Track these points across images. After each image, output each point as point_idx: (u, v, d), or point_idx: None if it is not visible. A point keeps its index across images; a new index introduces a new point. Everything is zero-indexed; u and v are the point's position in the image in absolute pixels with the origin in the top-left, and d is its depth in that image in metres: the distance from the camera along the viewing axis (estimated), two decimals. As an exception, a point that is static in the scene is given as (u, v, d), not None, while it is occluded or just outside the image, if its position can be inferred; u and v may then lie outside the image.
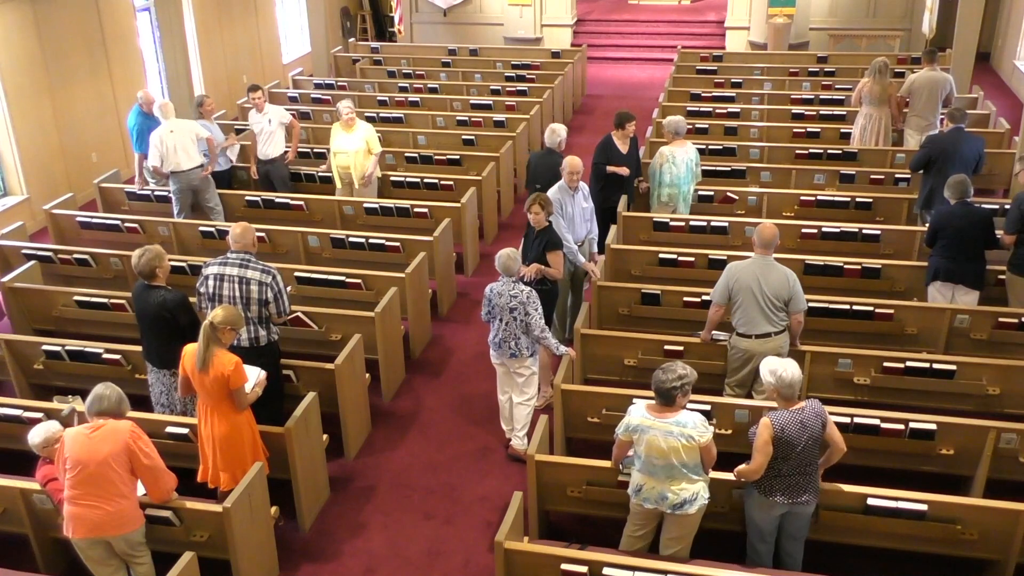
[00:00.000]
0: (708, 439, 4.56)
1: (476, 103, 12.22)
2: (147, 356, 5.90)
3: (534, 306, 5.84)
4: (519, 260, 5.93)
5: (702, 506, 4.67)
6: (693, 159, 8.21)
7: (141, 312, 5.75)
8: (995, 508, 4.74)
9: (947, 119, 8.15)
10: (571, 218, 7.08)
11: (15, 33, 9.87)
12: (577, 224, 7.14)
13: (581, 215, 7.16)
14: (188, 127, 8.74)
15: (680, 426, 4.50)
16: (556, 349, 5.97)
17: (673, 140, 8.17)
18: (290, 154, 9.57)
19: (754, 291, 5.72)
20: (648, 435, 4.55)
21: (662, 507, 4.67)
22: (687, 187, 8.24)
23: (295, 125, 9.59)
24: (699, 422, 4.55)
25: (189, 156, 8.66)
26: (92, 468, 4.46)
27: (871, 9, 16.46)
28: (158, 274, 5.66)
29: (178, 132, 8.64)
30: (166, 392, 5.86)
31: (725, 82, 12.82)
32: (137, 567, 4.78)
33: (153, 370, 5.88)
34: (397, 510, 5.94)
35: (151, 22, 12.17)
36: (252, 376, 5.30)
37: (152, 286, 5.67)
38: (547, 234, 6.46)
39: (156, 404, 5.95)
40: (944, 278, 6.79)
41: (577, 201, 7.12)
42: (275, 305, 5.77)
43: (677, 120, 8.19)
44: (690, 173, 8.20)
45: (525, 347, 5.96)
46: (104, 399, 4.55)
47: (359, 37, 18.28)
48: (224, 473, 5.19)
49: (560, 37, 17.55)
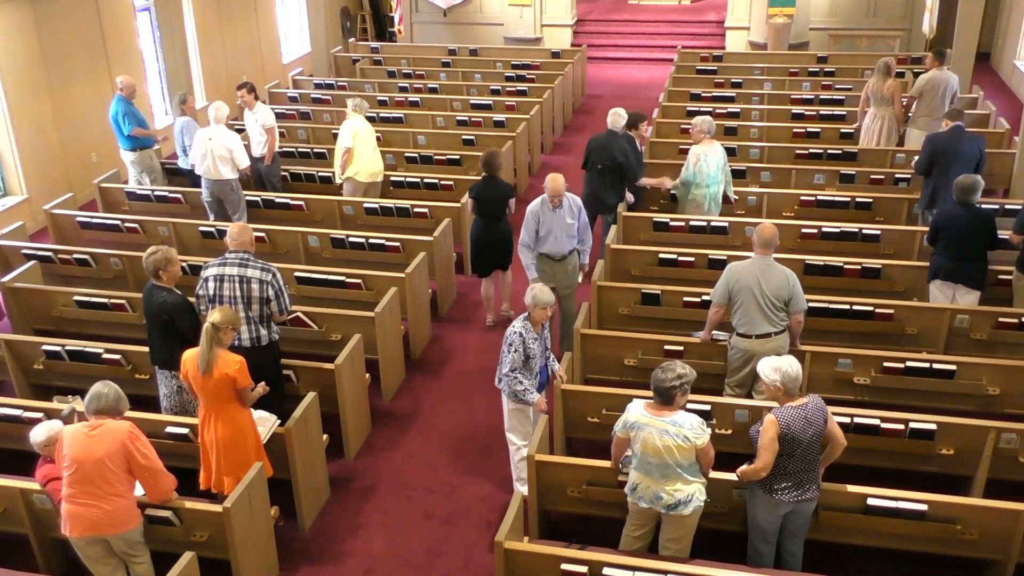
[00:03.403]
0: (704, 442, 4.54)
1: (476, 103, 12.22)
2: (151, 356, 5.92)
3: (511, 347, 5.43)
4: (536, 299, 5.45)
5: (697, 508, 4.66)
6: (723, 158, 8.13)
7: (147, 311, 5.77)
8: (995, 508, 4.74)
9: (946, 118, 8.16)
10: (549, 233, 6.84)
11: (15, 33, 9.87)
12: (560, 239, 6.88)
13: (564, 231, 6.86)
14: (227, 141, 8.63)
15: (676, 426, 4.50)
16: (522, 395, 5.45)
17: (703, 140, 8.06)
18: (266, 159, 9.45)
19: (754, 291, 5.72)
20: (644, 432, 4.55)
21: (657, 507, 4.66)
22: (716, 187, 8.18)
23: (272, 132, 9.34)
24: (696, 424, 4.54)
25: (218, 168, 8.62)
26: (88, 467, 4.46)
27: (871, 9, 16.46)
28: (162, 276, 5.65)
29: (216, 141, 8.59)
30: (169, 395, 5.87)
31: (725, 82, 12.82)
32: (136, 566, 4.78)
33: (157, 371, 5.89)
34: (397, 510, 5.94)
35: (151, 22, 12.16)
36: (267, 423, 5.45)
37: (157, 286, 5.68)
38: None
39: (162, 407, 5.96)
40: (944, 277, 6.79)
41: (559, 217, 6.80)
42: (276, 303, 5.77)
43: (708, 120, 8.10)
44: (720, 172, 8.14)
45: (496, 378, 5.66)
46: (102, 397, 4.56)
47: (359, 37, 18.27)
48: (228, 478, 5.18)
49: (560, 37, 17.55)
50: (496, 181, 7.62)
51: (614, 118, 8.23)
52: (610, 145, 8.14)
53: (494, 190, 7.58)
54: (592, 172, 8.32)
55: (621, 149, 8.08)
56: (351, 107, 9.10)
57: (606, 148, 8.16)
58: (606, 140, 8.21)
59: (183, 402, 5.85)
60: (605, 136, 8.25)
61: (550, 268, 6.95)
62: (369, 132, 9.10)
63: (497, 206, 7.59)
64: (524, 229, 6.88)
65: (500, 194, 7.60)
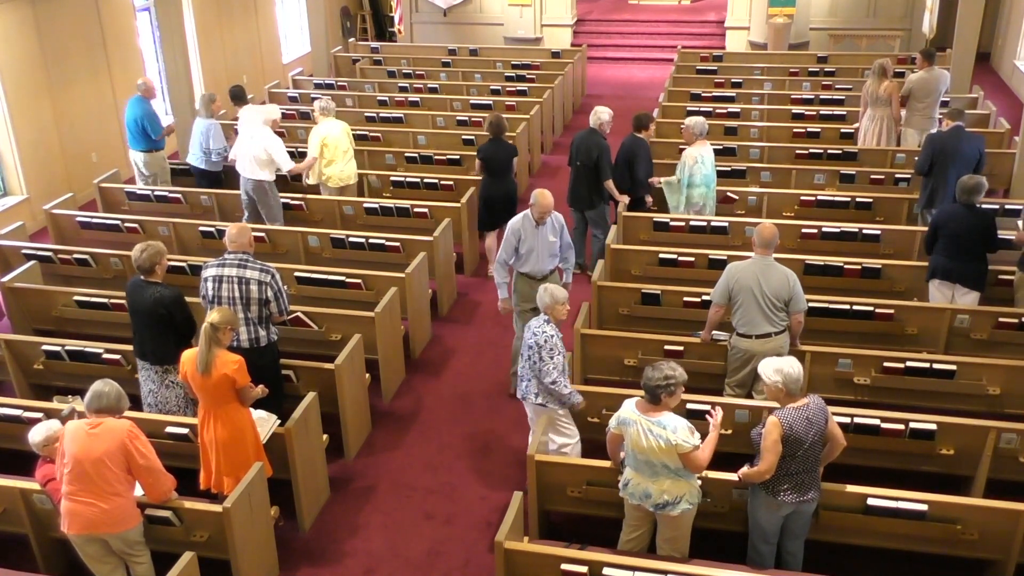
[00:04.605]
0: (688, 449, 4.48)
1: (476, 103, 12.21)
2: (139, 353, 5.88)
3: (549, 354, 5.31)
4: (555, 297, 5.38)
5: (686, 510, 4.65)
6: (712, 158, 8.25)
7: (135, 308, 5.75)
8: (995, 508, 4.74)
9: (946, 118, 8.16)
10: (531, 251, 6.42)
11: (15, 33, 9.87)
12: (542, 258, 6.46)
13: (547, 249, 6.45)
14: (266, 143, 8.49)
15: (660, 427, 4.50)
16: (568, 398, 5.41)
17: (696, 141, 8.16)
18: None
19: (754, 291, 5.72)
20: (631, 429, 4.58)
21: (646, 504, 4.67)
22: (712, 187, 8.25)
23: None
24: (681, 427, 4.51)
25: (254, 168, 8.53)
26: (87, 465, 4.47)
27: (871, 9, 16.46)
28: (157, 270, 5.67)
29: (256, 141, 8.49)
30: (155, 391, 5.86)
31: (725, 82, 12.82)
32: (136, 566, 4.78)
33: (144, 368, 5.86)
34: (397, 510, 5.94)
35: (151, 22, 12.16)
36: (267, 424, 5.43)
37: (148, 282, 5.67)
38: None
39: (144, 404, 5.93)
40: (942, 276, 6.79)
41: (542, 235, 6.41)
42: (275, 304, 5.77)
43: (700, 121, 8.18)
44: (714, 172, 8.24)
45: (533, 393, 5.47)
46: (103, 396, 4.56)
47: (359, 37, 18.27)
48: (227, 478, 5.18)
49: (560, 37, 17.55)
50: (502, 142, 8.56)
51: (594, 116, 8.30)
52: (586, 142, 8.21)
53: (500, 150, 8.50)
54: (572, 168, 8.47)
55: (597, 146, 8.13)
56: (318, 110, 8.99)
57: (582, 145, 8.24)
58: (584, 137, 8.29)
59: (168, 399, 5.83)
60: (585, 133, 8.33)
61: (529, 288, 6.43)
62: (339, 136, 8.92)
63: (504, 164, 8.50)
64: (503, 247, 6.46)
65: (505, 153, 8.52)
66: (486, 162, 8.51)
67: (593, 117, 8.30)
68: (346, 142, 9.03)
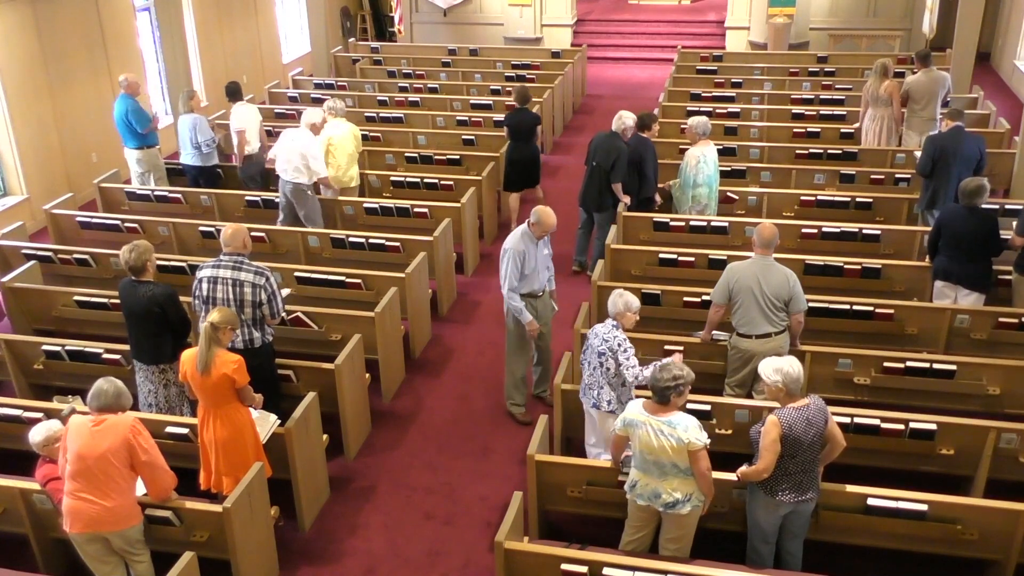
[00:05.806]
0: (697, 447, 4.48)
1: (476, 103, 12.22)
2: (135, 355, 5.88)
3: (625, 355, 5.28)
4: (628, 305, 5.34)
5: (695, 507, 4.66)
6: (715, 158, 8.23)
7: (130, 308, 5.75)
8: (995, 508, 4.74)
9: (946, 118, 8.15)
10: (534, 270, 6.29)
11: (15, 33, 9.87)
12: (541, 274, 6.39)
13: (543, 263, 6.40)
14: (303, 146, 8.40)
15: (671, 426, 4.50)
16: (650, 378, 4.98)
17: (699, 141, 8.13)
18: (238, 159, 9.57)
19: (754, 291, 5.72)
20: (640, 431, 4.57)
21: (655, 504, 4.67)
22: (715, 186, 8.25)
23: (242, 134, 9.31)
24: (692, 426, 4.52)
25: (290, 172, 8.43)
26: (91, 462, 4.47)
27: (871, 9, 16.47)
28: (148, 268, 5.68)
29: (294, 144, 8.41)
30: (154, 391, 5.86)
31: (725, 82, 12.82)
32: (136, 565, 4.77)
33: (141, 368, 5.86)
34: (397, 510, 5.94)
35: (151, 22, 12.16)
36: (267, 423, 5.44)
37: (140, 281, 5.68)
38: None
39: (143, 404, 5.92)
40: (943, 278, 6.81)
41: (540, 250, 6.34)
42: (268, 307, 5.77)
43: (703, 121, 8.16)
44: (716, 172, 8.23)
45: (606, 400, 5.39)
46: (104, 394, 4.55)
47: (359, 37, 18.28)
48: (227, 478, 5.18)
49: (560, 37, 17.55)
50: (526, 111, 9.50)
51: (617, 121, 8.23)
52: (605, 145, 8.20)
53: (523, 118, 9.41)
54: (588, 168, 8.45)
55: (616, 149, 8.11)
56: (325, 111, 8.88)
57: (601, 147, 8.23)
58: (604, 139, 8.28)
59: (168, 397, 5.83)
60: (605, 135, 8.31)
61: (532, 309, 6.37)
62: (345, 138, 8.87)
63: (528, 130, 9.41)
64: (510, 273, 6.19)
65: (529, 121, 9.44)
66: (512, 128, 9.38)
67: (617, 121, 8.22)
68: (351, 145, 8.97)
